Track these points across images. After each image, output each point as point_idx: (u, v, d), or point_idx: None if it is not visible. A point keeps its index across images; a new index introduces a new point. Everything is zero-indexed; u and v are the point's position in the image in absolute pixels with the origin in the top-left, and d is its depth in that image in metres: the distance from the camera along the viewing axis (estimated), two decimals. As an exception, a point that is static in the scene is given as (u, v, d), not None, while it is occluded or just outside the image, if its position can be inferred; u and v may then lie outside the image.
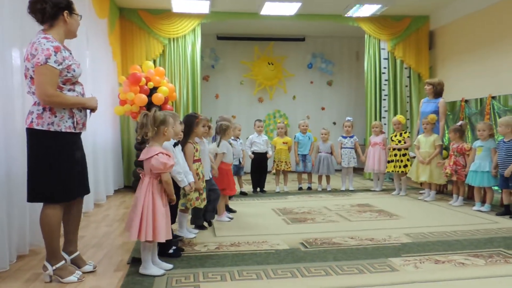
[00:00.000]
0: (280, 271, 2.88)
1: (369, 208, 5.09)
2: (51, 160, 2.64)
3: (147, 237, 2.72)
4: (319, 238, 3.70)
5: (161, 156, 2.75)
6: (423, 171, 5.56)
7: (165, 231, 2.78)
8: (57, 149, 2.66)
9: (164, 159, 2.75)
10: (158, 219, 2.75)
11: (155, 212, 2.75)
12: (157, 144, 2.85)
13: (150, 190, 2.78)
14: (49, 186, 2.64)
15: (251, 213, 4.89)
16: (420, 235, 3.78)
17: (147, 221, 2.72)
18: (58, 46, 2.60)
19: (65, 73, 2.65)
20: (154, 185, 2.79)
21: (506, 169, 4.47)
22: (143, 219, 2.73)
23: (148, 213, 2.74)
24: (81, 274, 2.80)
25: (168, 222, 2.84)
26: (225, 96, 9.15)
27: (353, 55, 9.53)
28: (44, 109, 2.62)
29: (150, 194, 2.78)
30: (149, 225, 2.72)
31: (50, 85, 2.56)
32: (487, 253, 3.22)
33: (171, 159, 2.82)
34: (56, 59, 2.57)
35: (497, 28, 6.20)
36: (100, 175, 5.60)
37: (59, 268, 2.72)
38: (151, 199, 2.77)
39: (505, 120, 4.63)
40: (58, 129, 2.65)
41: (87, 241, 3.75)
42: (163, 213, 2.79)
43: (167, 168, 2.77)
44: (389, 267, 2.93)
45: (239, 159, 5.80)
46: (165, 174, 2.79)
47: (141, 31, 7.04)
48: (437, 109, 5.84)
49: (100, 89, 5.75)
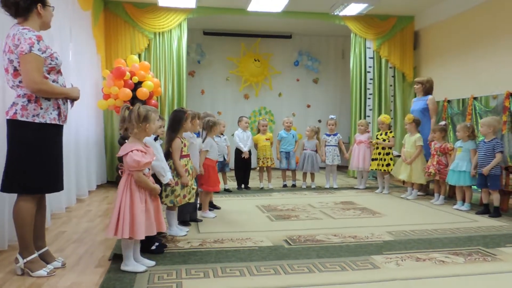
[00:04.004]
0: (263, 268, 2.88)
1: (353, 206, 5.13)
2: (33, 151, 2.63)
3: (123, 234, 2.68)
4: (303, 235, 3.71)
5: (135, 153, 2.70)
6: (404, 170, 5.64)
7: (144, 228, 2.73)
8: (40, 141, 2.65)
9: (138, 156, 2.70)
10: (137, 216, 2.70)
11: (133, 209, 2.71)
12: (137, 140, 2.80)
13: (128, 186, 2.74)
14: (27, 177, 2.64)
15: (235, 210, 4.88)
16: (402, 233, 3.83)
17: (124, 218, 2.68)
18: (39, 35, 2.62)
19: (49, 61, 2.65)
20: (132, 181, 2.75)
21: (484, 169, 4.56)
22: (120, 216, 2.70)
23: (125, 210, 2.70)
24: (52, 268, 2.78)
25: (150, 218, 2.79)
26: (211, 92, 9.10)
27: (339, 54, 9.58)
28: (30, 101, 2.62)
29: (128, 190, 2.74)
30: (126, 222, 2.68)
31: (37, 72, 2.57)
32: (467, 251, 3.28)
33: (147, 156, 2.75)
34: (39, 47, 2.58)
35: (479, 30, 6.30)
36: (82, 170, 5.52)
37: (30, 261, 2.71)
38: (129, 196, 2.73)
39: (487, 121, 4.71)
40: (43, 121, 2.64)
41: (68, 236, 3.70)
42: (142, 210, 2.74)
43: (140, 166, 2.70)
44: (371, 265, 2.95)
45: (224, 155, 5.78)
46: (136, 173, 2.72)
47: (126, 24, 6.94)
48: (426, 106, 5.87)
49: (83, 82, 5.66)
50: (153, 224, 2.81)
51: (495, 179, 4.56)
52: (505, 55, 5.81)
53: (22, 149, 2.63)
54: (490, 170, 4.51)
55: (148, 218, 2.79)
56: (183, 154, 3.66)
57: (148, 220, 2.79)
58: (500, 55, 5.90)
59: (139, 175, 2.73)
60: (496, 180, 4.56)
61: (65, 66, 4.77)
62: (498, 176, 4.58)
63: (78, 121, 5.39)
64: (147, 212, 2.78)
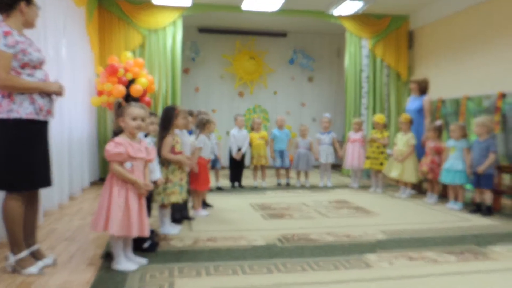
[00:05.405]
0: (256, 267, 2.87)
1: (347, 205, 5.13)
2: (14, 148, 2.62)
3: (97, 227, 2.67)
4: (296, 234, 3.71)
5: (109, 144, 2.70)
6: (396, 168, 5.65)
7: (120, 224, 2.66)
8: (18, 137, 2.63)
9: (110, 146, 2.69)
10: (112, 209, 2.66)
11: (110, 202, 2.68)
12: (124, 134, 2.80)
13: (109, 180, 2.74)
14: (9, 174, 2.62)
15: (228, 208, 4.86)
16: (395, 232, 3.83)
17: (101, 211, 2.68)
18: (8, 31, 2.59)
19: (20, 56, 2.62)
20: (114, 175, 2.74)
21: (479, 168, 4.58)
22: (99, 209, 2.71)
23: (103, 203, 2.70)
24: (43, 266, 2.76)
25: (130, 217, 2.68)
26: (206, 89, 9.07)
27: (334, 52, 9.58)
28: (3, 97, 2.60)
29: (109, 184, 2.73)
30: (102, 215, 2.67)
31: (2, 68, 2.54)
32: (459, 249, 3.29)
33: (120, 146, 2.69)
34: (6, 42, 2.56)
35: (472, 30, 6.33)
36: (75, 167, 5.48)
37: (21, 258, 2.70)
38: (108, 189, 2.71)
39: (481, 120, 4.73)
40: (18, 116, 2.61)
41: (60, 234, 3.67)
42: (120, 205, 2.68)
43: (111, 156, 2.67)
44: (365, 263, 2.95)
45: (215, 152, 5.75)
46: (112, 163, 2.69)
47: (121, 21, 6.89)
48: (422, 106, 5.89)
49: (76, 79, 5.63)
50: (133, 224, 2.69)
51: (488, 178, 4.60)
52: (498, 55, 5.84)
53: (2, 146, 2.61)
54: (484, 170, 4.54)
55: (127, 216, 2.69)
56: (176, 151, 3.64)
57: (127, 219, 2.69)
58: (493, 55, 5.93)
59: (114, 166, 2.70)
60: (489, 179, 4.60)
61: (58, 62, 4.78)
62: (491, 175, 4.61)
63: (71, 118, 5.35)
64: (127, 210, 2.70)
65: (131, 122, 2.76)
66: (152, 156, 2.98)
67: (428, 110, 5.86)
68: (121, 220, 2.68)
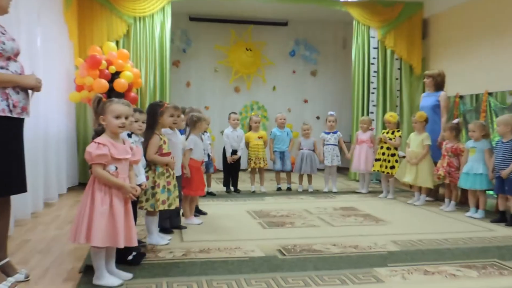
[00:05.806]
0: (254, 281, 2.85)
1: (354, 212, 5.12)
2: None
3: (78, 239, 2.63)
4: (299, 245, 3.69)
5: (91, 145, 2.67)
6: (409, 172, 5.63)
7: (104, 234, 2.62)
8: None
9: (91, 148, 2.66)
10: (95, 218, 2.62)
11: (92, 210, 2.64)
12: (107, 134, 2.77)
13: (91, 186, 2.70)
14: None
15: (223, 216, 4.85)
16: (409, 242, 3.82)
17: (82, 221, 2.63)
18: None
19: None
20: (96, 180, 2.70)
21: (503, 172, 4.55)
22: (79, 218, 2.66)
23: (84, 211, 2.65)
24: (13, 282, 2.72)
25: (115, 226, 2.65)
26: (198, 84, 9.06)
27: (340, 42, 9.59)
28: None
29: (90, 190, 2.69)
30: (83, 225, 2.62)
31: None
32: (481, 263, 3.27)
33: (103, 148, 2.66)
34: None
35: (496, 18, 6.31)
36: (52, 170, 5.46)
37: None
38: (89, 195, 2.68)
39: (504, 119, 4.70)
40: None
41: (33, 245, 3.64)
42: (102, 213, 2.64)
43: (93, 158, 2.64)
44: (374, 278, 2.94)
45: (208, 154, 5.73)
46: (94, 167, 2.65)
47: (103, 8, 6.86)
48: (438, 103, 5.88)
49: (53, 72, 5.60)
50: (119, 233, 2.66)
51: (513, 183, 4.57)
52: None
53: None
54: (509, 174, 4.52)
55: (113, 225, 2.66)
56: (163, 153, 3.62)
57: (112, 227, 2.65)
58: (518, 46, 5.92)
59: (96, 169, 2.66)
60: (515, 185, 4.56)
61: (32, 53, 4.75)
62: (517, 180, 4.58)
63: (47, 115, 5.33)
64: (112, 217, 2.66)
65: (113, 120, 2.72)
66: (138, 157, 2.95)
67: (444, 107, 5.86)
68: (105, 230, 2.64)
